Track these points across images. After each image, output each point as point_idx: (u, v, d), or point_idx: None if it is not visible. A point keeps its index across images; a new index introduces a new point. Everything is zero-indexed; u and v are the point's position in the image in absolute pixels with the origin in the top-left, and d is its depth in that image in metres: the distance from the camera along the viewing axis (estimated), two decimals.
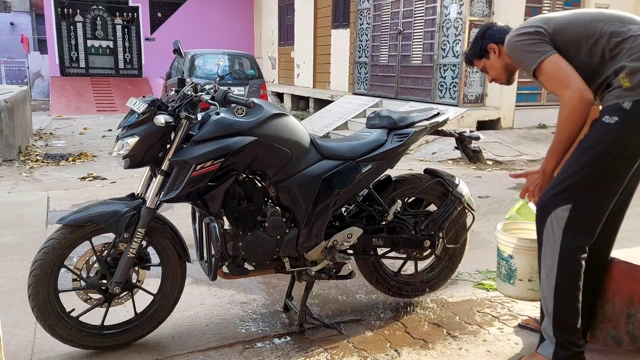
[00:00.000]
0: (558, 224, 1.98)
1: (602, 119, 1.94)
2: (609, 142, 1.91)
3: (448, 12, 8.57)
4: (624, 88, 1.91)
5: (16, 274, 3.08)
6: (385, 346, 2.37)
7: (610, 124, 1.91)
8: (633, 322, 2.19)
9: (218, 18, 17.07)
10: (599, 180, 1.95)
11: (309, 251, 2.41)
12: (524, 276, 2.35)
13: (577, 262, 1.99)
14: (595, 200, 1.97)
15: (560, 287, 2.00)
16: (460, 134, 2.71)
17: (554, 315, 2.02)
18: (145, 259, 2.35)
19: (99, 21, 16.59)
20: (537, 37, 2.01)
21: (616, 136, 1.91)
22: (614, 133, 1.91)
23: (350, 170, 2.42)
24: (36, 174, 6.22)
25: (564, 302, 2.01)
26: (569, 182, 1.98)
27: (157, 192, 2.20)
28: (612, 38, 1.95)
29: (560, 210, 1.97)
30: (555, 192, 2.00)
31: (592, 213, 1.98)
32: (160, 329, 2.41)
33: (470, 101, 8.56)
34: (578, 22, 2.03)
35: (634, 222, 4.31)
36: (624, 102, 1.90)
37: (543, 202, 2.05)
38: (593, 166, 1.94)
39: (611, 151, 1.92)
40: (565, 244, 1.97)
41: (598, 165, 1.93)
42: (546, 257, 2.03)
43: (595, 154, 1.93)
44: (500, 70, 2.29)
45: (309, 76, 13.92)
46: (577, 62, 1.98)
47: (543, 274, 2.05)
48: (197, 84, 2.33)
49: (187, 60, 9.91)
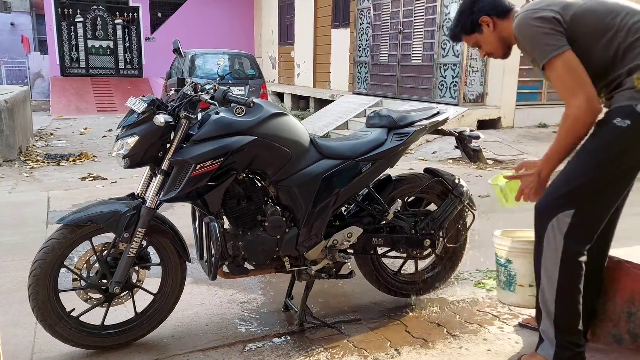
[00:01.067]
0: (560, 229, 1.93)
1: (612, 121, 1.85)
2: (620, 146, 1.85)
3: (448, 11, 8.56)
4: (637, 89, 1.83)
5: (16, 273, 3.08)
6: (386, 345, 2.36)
7: (622, 127, 1.82)
8: (634, 321, 2.19)
9: (218, 18, 17.07)
10: (604, 185, 1.89)
11: (309, 250, 2.41)
12: (524, 282, 2.31)
13: (578, 265, 1.96)
14: (599, 205, 1.92)
15: (562, 291, 1.97)
16: (460, 133, 2.71)
17: (556, 318, 2.00)
18: (145, 259, 2.35)
19: (99, 21, 16.59)
20: (553, 26, 1.86)
21: (628, 140, 1.84)
22: (625, 137, 1.83)
23: (350, 170, 2.42)
24: (36, 174, 6.22)
25: (565, 304, 1.99)
26: (572, 186, 1.91)
27: (157, 192, 2.20)
28: (630, 34, 1.84)
29: (562, 215, 1.91)
30: (557, 196, 1.94)
31: (595, 218, 1.94)
32: (160, 329, 2.41)
33: (471, 100, 8.56)
34: (597, 13, 1.89)
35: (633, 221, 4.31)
36: (637, 105, 1.82)
37: (543, 206, 1.98)
38: (600, 170, 1.88)
39: (621, 155, 1.85)
40: (567, 249, 1.93)
41: (605, 170, 1.87)
42: (547, 261, 1.99)
43: (604, 158, 1.86)
44: (497, 44, 2.10)
45: (309, 76, 13.92)
46: (590, 55, 1.87)
47: (544, 278, 2.01)
48: (196, 83, 2.33)
49: (187, 60, 9.91)
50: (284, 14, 15.37)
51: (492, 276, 3.16)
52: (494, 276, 3.16)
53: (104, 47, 16.77)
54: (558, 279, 1.96)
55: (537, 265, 2.05)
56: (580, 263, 1.96)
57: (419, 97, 9.21)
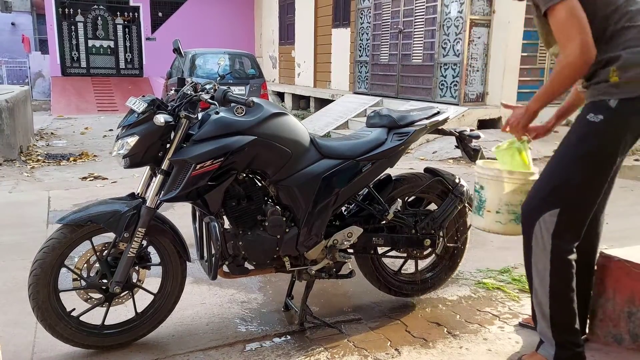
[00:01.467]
0: (547, 229, 1.94)
1: (586, 117, 1.88)
2: (594, 142, 1.87)
3: (449, 10, 8.56)
4: (611, 83, 1.82)
5: (17, 273, 3.08)
6: (386, 345, 2.37)
7: (595, 123, 1.85)
8: (634, 321, 2.19)
9: (219, 17, 17.08)
10: (584, 181, 1.90)
11: (309, 250, 2.41)
12: (492, 207, 2.28)
13: (568, 264, 1.97)
14: (582, 202, 1.93)
15: (554, 290, 1.98)
16: (460, 133, 2.71)
17: (552, 318, 2.01)
18: (145, 259, 2.35)
19: (99, 21, 16.59)
20: None
21: (601, 136, 1.86)
22: (599, 133, 1.85)
23: (350, 169, 2.42)
24: (37, 174, 6.22)
25: (559, 304, 1.99)
26: (554, 185, 1.94)
27: (157, 192, 2.20)
28: (622, 19, 1.81)
29: (548, 215, 1.93)
30: (541, 196, 1.96)
31: (580, 214, 1.95)
32: (160, 329, 2.41)
33: (471, 100, 8.55)
34: None
35: (633, 221, 4.32)
36: (609, 100, 1.83)
37: (529, 208, 2.00)
38: (579, 165, 1.89)
39: (596, 151, 1.87)
40: (556, 248, 1.94)
41: (584, 164, 1.89)
42: (537, 262, 2.00)
43: (580, 155, 1.89)
44: None
45: (309, 75, 13.92)
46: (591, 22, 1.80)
47: (536, 279, 2.02)
48: (196, 83, 2.33)
49: (187, 60, 9.91)
50: (284, 14, 15.37)
51: (492, 275, 3.16)
52: (494, 275, 3.17)
53: (104, 47, 16.77)
54: (550, 279, 1.97)
55: (527, 267, 2.06)
56: (570, 261, 1.97)
57: (420, 97, 9.21)
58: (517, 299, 2.83)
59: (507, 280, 3.09)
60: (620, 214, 4.34)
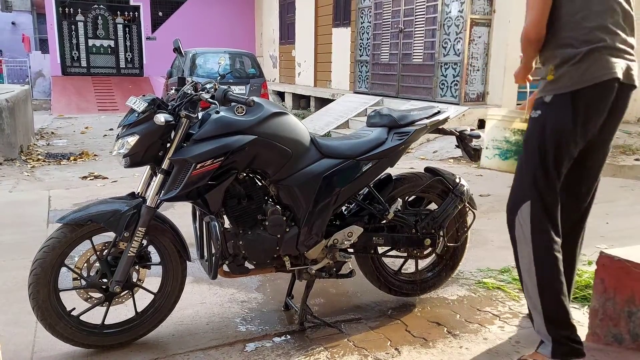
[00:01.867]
0: (524, 221, 2.05)
1: (530, 114, 2.09)
2: (537, 135, 2.03)
3: (449, 10, 8.55)
4: (548, 81, 2.00)
5: (17, 273, 3.08)
6: (386, 345, 2.36)
7: (535, 118, 2.05)
8: (634, 320, 2.19)
9: (219, 17, 17.08)
10: (540, 170, 2.03)
11: (310, 250, 2.41)
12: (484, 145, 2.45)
13: (551, 255, 2.03)
14: (545, 190, 2.03)
15: (542, 282, 2.03)
16: (461, 133, 2.71)
17: (544, 312, 2.05)
18: (145, 258, 2.35)
19: (100, 20, 16.60)
20: None
21: (541, 129, 2.02)
22: (539, 127, 2.02)
23: (350, 169, 2.42)
24: (37, 173, 6.23)
25: (549, 296, 2.04)
26: (521, 181, 2.09)
27: (157, 191, 2.20)
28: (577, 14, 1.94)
29: (522, 209, 2.05)
30: (515, 194, 2.11)
31: (548, 201, 2.04)
32: (160, 328, 2.42)
33: (472, 99, 8.55)
34: None
35: (633, 220, 4.31)
36: (545, 97, 2.01)
37: (509, 205, 2.13)
38: (532, 160, 2.04)
39: (540, 143, 2.01)
40: (537, 238, 2.03)
41: (535, 158, 2.03)
42: (523, 257, 2.08)
43: (530, 149, 2.06)
44: None
45: (310, 75, 13.92)
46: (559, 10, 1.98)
47: (524, 275, 2.09)
48: (197, 82, 2.33)
49: (188, 59, 9.91)
50: (284, 13, 15.37)
51: (492, 275, 3.16)
52: (494, 275, 3.16)
53: (104, 46, 16.78)
54: (536, 272, 2.04)
55: (517, 264, 2.14)
56: (552, 252, 2.03)
57: (420, 96, 9.20)
58: (517, 298, 2.83)
59: (507, 279, 3.09)
60: (620, 214, 4.34)
